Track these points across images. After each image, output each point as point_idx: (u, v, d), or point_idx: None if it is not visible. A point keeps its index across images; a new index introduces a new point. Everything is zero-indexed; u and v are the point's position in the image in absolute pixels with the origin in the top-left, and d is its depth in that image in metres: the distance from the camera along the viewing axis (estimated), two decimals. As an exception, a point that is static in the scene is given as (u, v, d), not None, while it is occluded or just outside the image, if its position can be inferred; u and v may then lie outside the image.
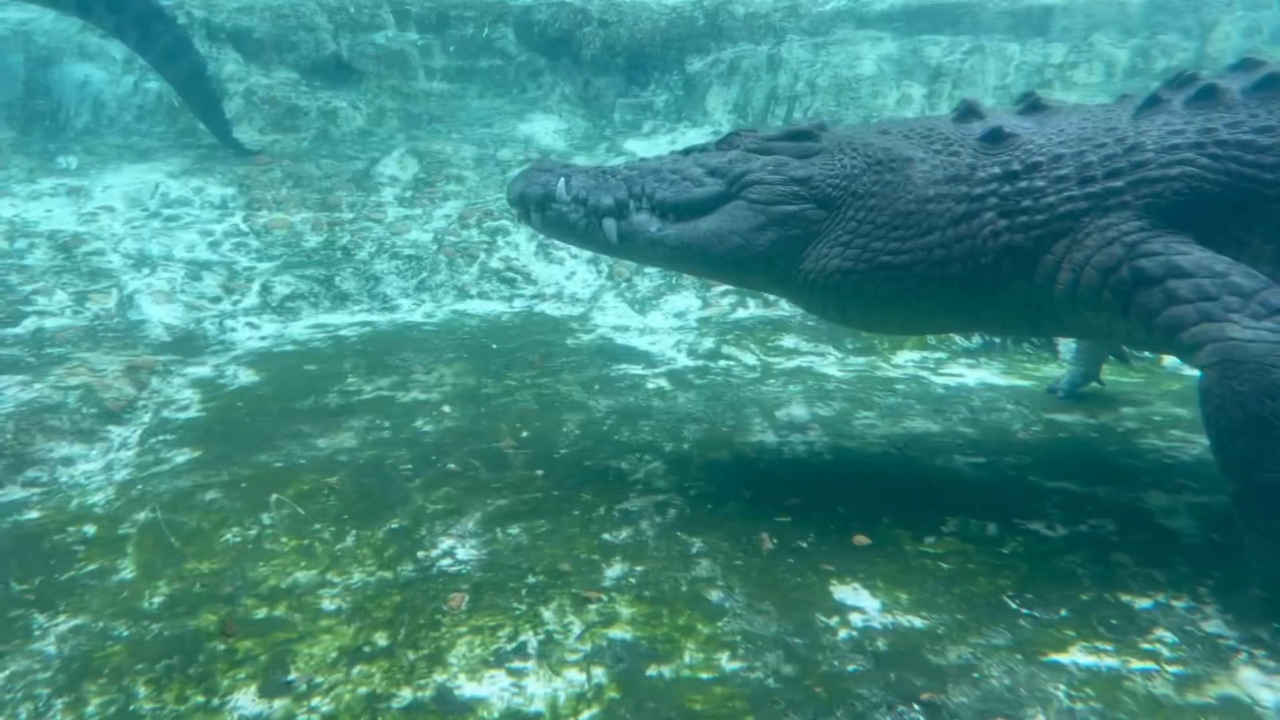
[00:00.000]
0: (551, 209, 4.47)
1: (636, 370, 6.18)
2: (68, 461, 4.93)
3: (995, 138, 3.90)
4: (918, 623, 3.42)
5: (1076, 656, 3.19)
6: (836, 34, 10.66)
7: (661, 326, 7.16)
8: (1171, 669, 3.11)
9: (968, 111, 4.14)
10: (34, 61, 11.03)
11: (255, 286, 7.66)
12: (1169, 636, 3.27)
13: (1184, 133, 3.62)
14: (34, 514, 4.38)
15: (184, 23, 10.77)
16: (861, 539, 3.96)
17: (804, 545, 3.94)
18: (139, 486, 4.59)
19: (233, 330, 7.11)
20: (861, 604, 3.55)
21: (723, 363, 6.37)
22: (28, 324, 6.76)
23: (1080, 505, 4.13)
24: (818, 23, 10.80)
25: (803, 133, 4.28)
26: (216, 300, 7.48)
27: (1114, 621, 3.36)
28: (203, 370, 6.25)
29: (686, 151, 4.54)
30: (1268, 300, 3.27)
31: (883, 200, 3.95)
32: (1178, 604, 3.44)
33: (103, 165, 9.65)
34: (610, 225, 4.36)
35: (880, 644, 3.31)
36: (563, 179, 4.46)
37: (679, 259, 4.32)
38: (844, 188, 4.04)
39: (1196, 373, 3.42)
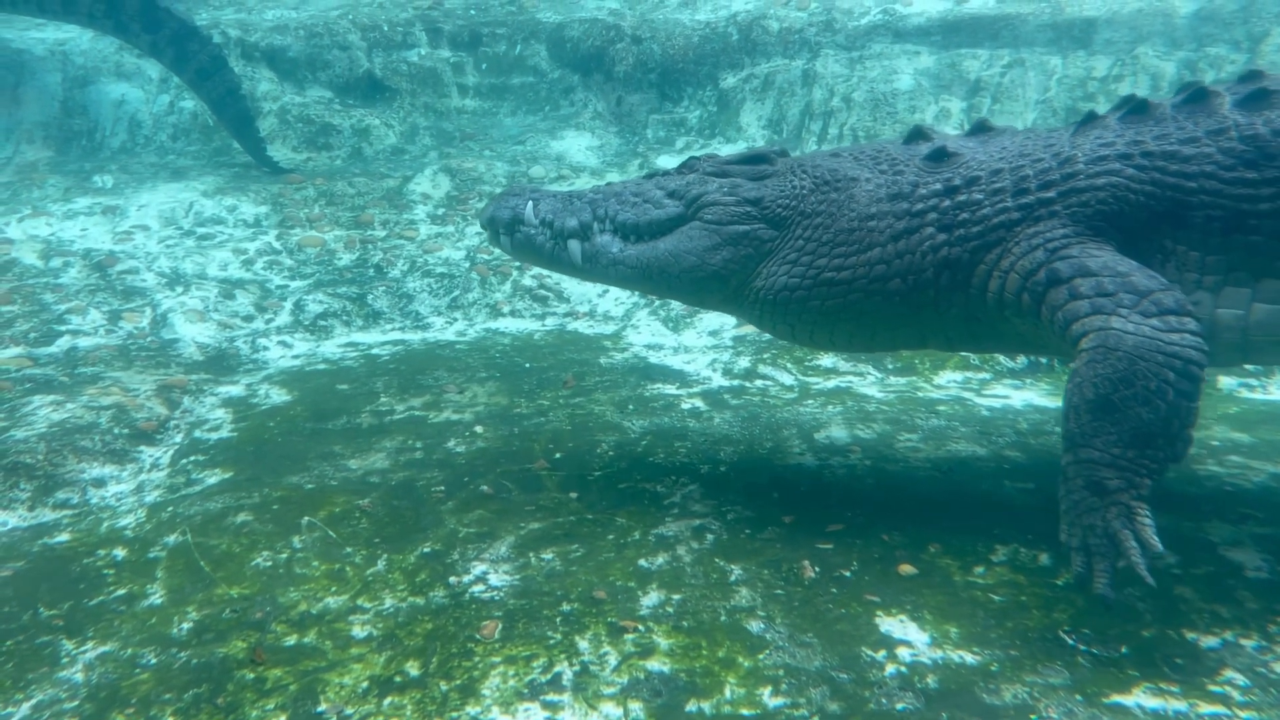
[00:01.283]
0: (520, 231, 4.63)
1: (671, 390, 6.08)
2: (99, 483, 4.89)
3: (938, 156, 4.03)
4: (969, 659, 3.28)
5: (1141, 699, 3.04)
6: (872, 48, 10.54)
7: (696, 345, 7.06)
8: (1244, 714, 2.96)
9: (916, 134, 4.29)
10: (71, 81, 11.14)
11: (288, 305, 7.65)
12: (1239, 679, 3.11)
13: (1114, 145, 3.75)
14: (64, 537, 4.34)
15: (219, 42, 10.85)
16: (907, 568, 3.83)
17: (847, 574, 3.82)
18: (169, 509, 4.54)
19: (265, 349, 7.09)
20: (909, 637, 3.42)
21: (759, 382, 6.26)
22: (61, 343, 6.77)
23: (1137, 535, 3.97)
24: (853, 37, 10.70)
25: (758, 156, 4.47)
26: (249, 319, 7.46)
27: (1179, 661, 3.21)
28: (235, 390, 6.22)
29: (650, 175, 4.72)
30: (1160, 300, 3.40)
31: (828, 219, 4.12)
32: (1247, 643, 3.27)
33: (138, 184, 9.71)
34: (575, 247, 4.54)
35: (930, 681, 3.18)
36: (531, 202, 4.62)
37: (639, 279, 4.48)
38: (793, 208, 4.21)
39: (1254, 396, 3.31)
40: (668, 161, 10.12)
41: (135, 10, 9.93)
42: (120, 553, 4.16)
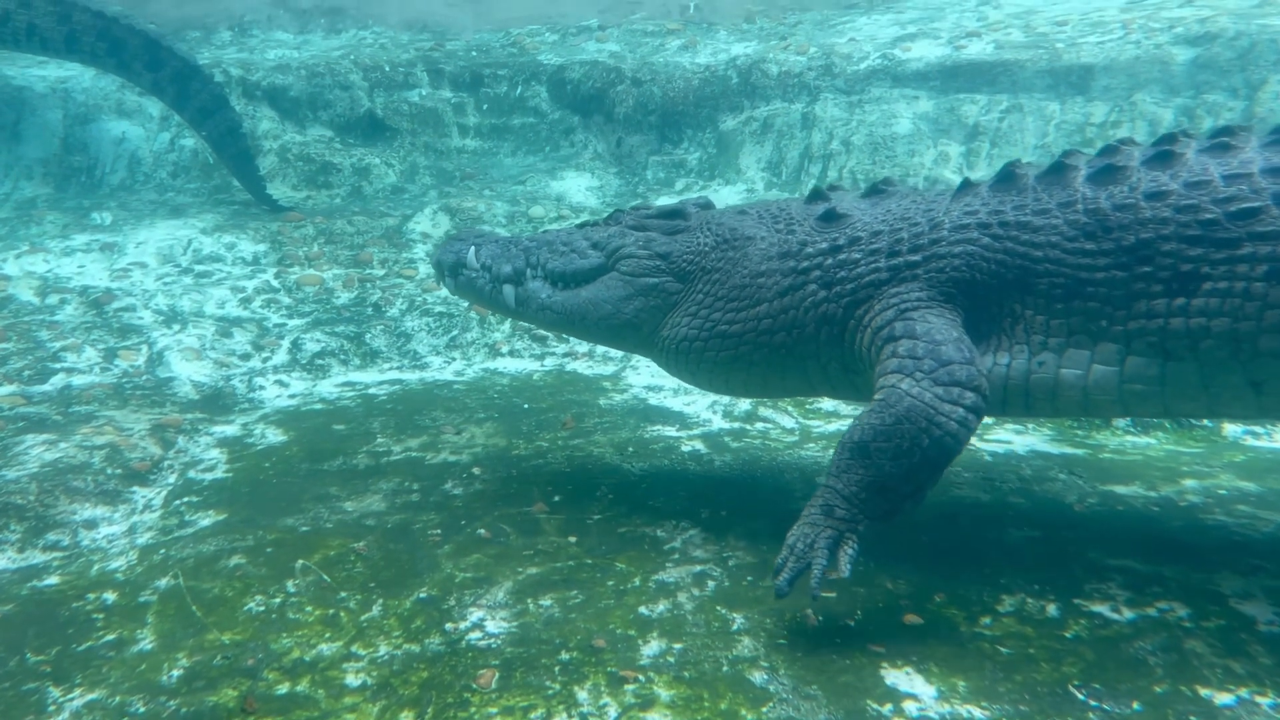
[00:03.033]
0: (462, 274, 5.00)
1: (671, 432, 6.03)
2: (90, 524, 4.81)
3: (829, 217, 4.25)
4: (977, 713, 3.21)
5: (1155, 757, 2.97)
6: (872, 92, 10.61)
7: (695, 387, 7.01)
8: (1262, 774, 2.89)
9: (815, 195, 4.51)
10: (72, 118, 11.17)
11: (285, 344, 7.60)
12: (1256, 737, 3.04)
13: (978, 214, 3.94)
14: (53, 580, 4.26)
15: (220, 80, 10.89)
16: (913, 618, 3.76)
17: (851, 624, 3.75)
18: (162, 551, 4.47)
19: (261, 388, 7.03)
20: (915, 690, 3.34)
21: (760, 425, 6.21)
22: (55, 381, 6.72)
23: (1147, 586, 3.91)
24: (852, 81, 10.77)
25: (674, 211, 4.73)
26: (246, 358, 7.42)
27: (1193, 718, 3.13)
28: (230, 429, 6.16)
29: (583, 225, 5.03)
30: (954, 373, 3.66)
31: (724, 275, 4.38)
32: (1262, 700, 3.20)
33: (136, 221, 9.69)
34: (509, 291, 4.87)
35: (939, 736, 3.10)
36: (473, 248, 4.97)
37: (563, 324, 4.81)
38: (696, 263, 4.48)
39: (1260, 444, 3.30)
40: (668, 202, 10.13)
41: (137, 49, 9.97)
42: (110, 596, 4.08)
